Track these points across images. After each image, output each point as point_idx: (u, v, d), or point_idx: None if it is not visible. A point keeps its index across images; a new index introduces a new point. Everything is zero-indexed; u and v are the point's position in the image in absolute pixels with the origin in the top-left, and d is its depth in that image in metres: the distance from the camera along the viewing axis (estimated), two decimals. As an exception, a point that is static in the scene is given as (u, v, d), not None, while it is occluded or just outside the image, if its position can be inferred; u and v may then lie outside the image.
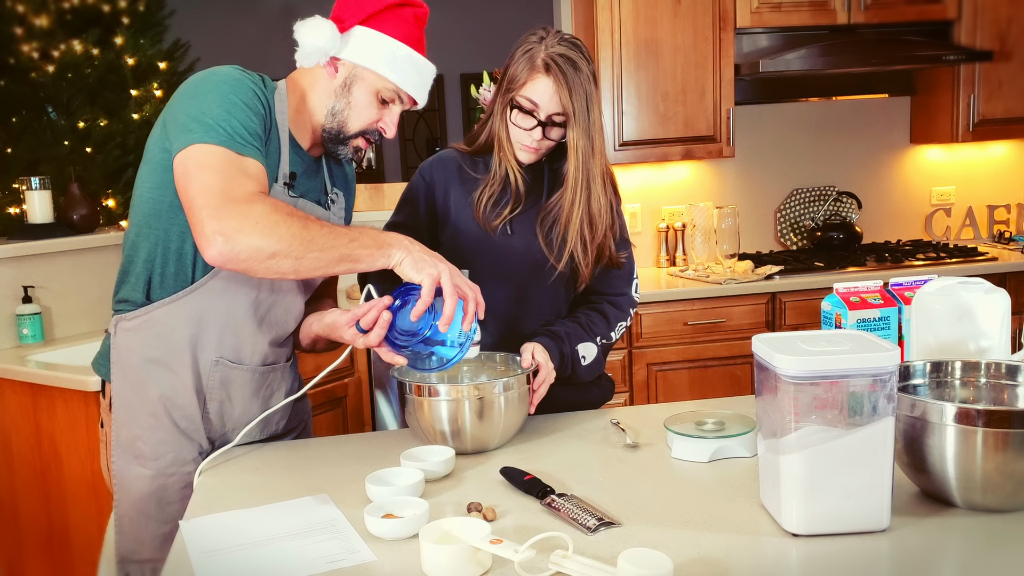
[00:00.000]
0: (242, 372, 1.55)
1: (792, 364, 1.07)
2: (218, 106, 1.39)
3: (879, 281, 1.55)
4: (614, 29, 3.34)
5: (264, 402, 1.60)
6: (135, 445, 1.53)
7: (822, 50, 3.30)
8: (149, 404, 1.52)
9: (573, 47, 1.60)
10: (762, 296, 3.28)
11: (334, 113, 1.53)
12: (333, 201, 1.64)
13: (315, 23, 1.49)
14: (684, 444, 1.41)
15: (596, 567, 1.03)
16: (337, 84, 1.53)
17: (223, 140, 1.37)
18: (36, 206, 2.98)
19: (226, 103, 1.40)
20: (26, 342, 2.83)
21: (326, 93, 1.53)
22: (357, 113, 1.53)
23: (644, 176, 3.73)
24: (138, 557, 1.54)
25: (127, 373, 1.52)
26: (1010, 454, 1.09)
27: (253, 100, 1.44)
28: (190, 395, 1.52)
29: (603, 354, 1.74)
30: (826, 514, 1.10)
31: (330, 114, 1.54)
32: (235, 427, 1.57)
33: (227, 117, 1.38)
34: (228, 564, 1.10)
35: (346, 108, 1.53)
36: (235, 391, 1.55)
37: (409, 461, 1.39)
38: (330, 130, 1.55)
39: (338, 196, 1.66)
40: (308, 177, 1.59)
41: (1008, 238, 3.84)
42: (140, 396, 1.52)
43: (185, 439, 1.54)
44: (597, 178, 1.65)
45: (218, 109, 1.39)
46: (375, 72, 1.50)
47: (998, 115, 3.59)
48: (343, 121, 1.54)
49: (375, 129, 1.56)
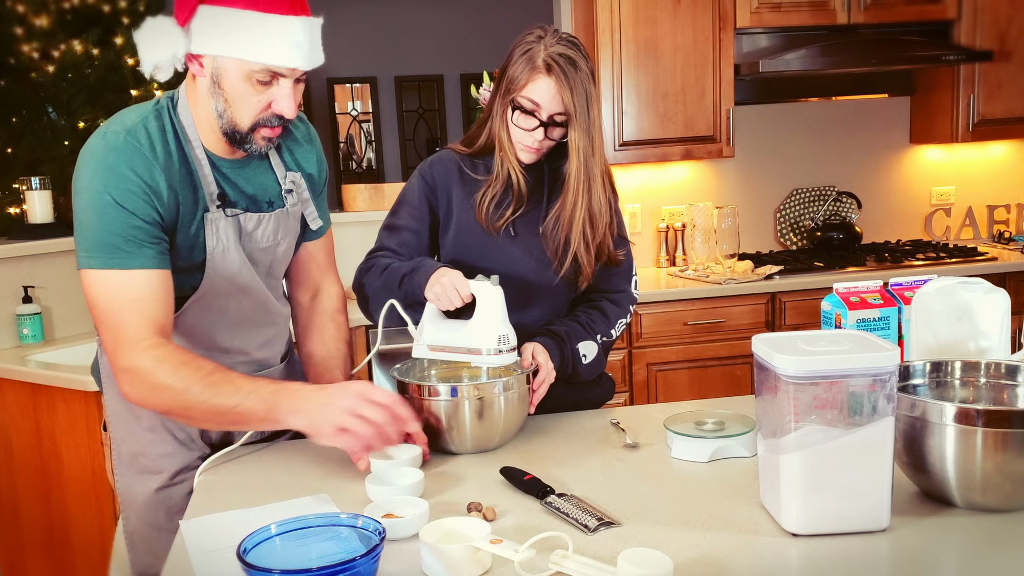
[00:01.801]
0: None
1: (792, 364, 1.07)
2: (93, 213, 1.32)
3: (879, 281, 1.55)
4: (614, 29, 3.34)
5: None
6: (138, 461, 1.53)
7: (822, 50, 3.30)
8: (146, 420, 1.51)
9: (572, 46, 1.60)
10: (762, 296, 3.28)
11: (220, 114, 1.37)
12: (290, 191, 1.53)
13: (151, 28, 1.34)
14: (684, 444, 1.41)
15: (596, 567, 1.03)
16: (208, 83, 1.36)
17: (103, 261, 1.33)
18: (36, 206, 2.98)
19: (99, 206, 1.31)
20: (26, 342, 2.83)
21: (205, 95, 1.37)
22: (239, 107, 1.36)
23: (644, 176, 3.73)
24: (154, 571, 1.51)
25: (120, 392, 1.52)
26: (1010, 454, 1.09)
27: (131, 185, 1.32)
28: None
29: (604, 352, 1.74)
30: (826, 514, 1.10)
31: (218, 116, 1.38)
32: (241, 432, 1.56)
33: (102, 228, 1.32)
34: (228, 564, 1.10)
35: (226, 106, 1.36)
36: None
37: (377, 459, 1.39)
38: (226, 132, 1.39)
39: (296, 181, 1.54)
40: (247, 181, 1.48)
41: (1008, 238, 3.84)
42: (135, 414, 1.52)
43: (185, 448, 1.53)
44: (597, 177, 1.65)
45: (93, 218, 1.32)
46: (234, 58, 1.32)
47: (998, 115, 3.59)
48: (231, 119, 1.37)
49: (272, 116, 1.38)
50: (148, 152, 1.35)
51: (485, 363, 1.51)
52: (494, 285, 1.48)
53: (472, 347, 1.49)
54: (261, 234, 1.49)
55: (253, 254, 1.49)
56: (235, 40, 1.30)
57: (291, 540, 1.05)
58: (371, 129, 8.49)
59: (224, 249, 1.44)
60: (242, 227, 1.46)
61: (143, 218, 1.34)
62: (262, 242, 1.50)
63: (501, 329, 1.47)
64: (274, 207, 1.52)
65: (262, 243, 1.50)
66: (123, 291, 1.33)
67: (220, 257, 1.44)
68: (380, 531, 1.02)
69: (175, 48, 1.33)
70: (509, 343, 1.49)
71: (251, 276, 1.49)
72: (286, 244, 1.56)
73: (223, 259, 1.44)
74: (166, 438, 1.52)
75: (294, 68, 1.34)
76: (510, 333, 1.49)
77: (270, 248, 1.52)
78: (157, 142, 1.37)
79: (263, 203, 1.50)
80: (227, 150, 1.45)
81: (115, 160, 1.32)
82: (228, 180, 1.46)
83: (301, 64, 1.34)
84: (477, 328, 1.48)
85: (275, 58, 1.31)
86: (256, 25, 1.29)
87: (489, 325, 1.47)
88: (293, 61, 1.32)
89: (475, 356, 1.49)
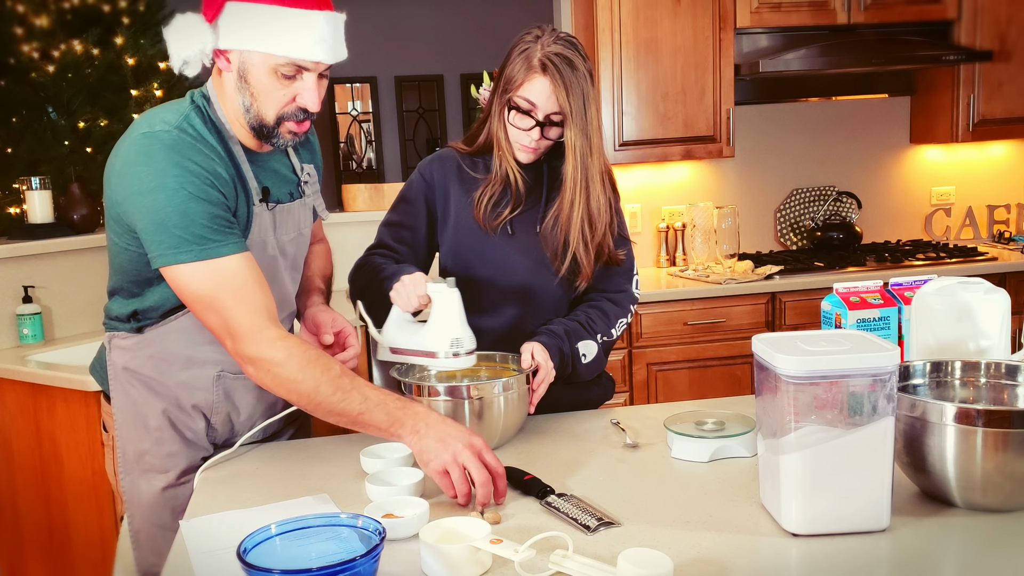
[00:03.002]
0: (245, 380, 1.53)
1: (792, 364, 1.07)
2: (174, 211, 1.32)
3: (879, 281, 1.55)
4: (614, 29, 3.34)
5: (269, 403, 1.59)
6: (143, 460, 1.53)
7: (822, 50, 3.30)
8: (153, 419, 1.51)
9: (569, 46, 1.60)
10: (762, 296, 3.28)
11: (247, 108, 1.41)
12: (306, 182, 1.59)
13: (180, 25, 1.37)
14: (684, 444, 1.41)
15: (596, 567, 1.03)
16: (235, 77, 1.39)
17: (195, 254, 1.33)
18: (36, 206, 2.98)
19: (178, 202, 1.32)
20: (26, 342, 2.83)
21: (233, 90, 1.41)
22: (265, 101, 1.39)
23: (644, 176, 3.73)
24: (159, 570, 1.51)
25: (128, 391, 1.52)
26: (1010, 454, 1.09)
27: (201, 177, 1.34)
28: (192, 411, 1.52)
29: (604, 352, 1.74)
30: (826, 514, 1.10)
31: (245, 111, 1.41)
32: (241, 431, 1.58)
33: (187, 224, 1.32)
34: (228, 564, 1.10)
35: (252, 100, 1.39)
36: (239, 399, 1.55)
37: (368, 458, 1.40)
38: (253, 127, 1.42)
39: (311, 173, 1.60)
40: (273, 173, 1.52)
41: (1008, 238, 3.84)
42: (143, 413, 1.52)
43: (192, 448, 1.54)
44: (595, 177, 1.65)
45: (175, 215, 1.32)
46: (260, 52, 1.35)
47: (998, 115, 3.59)
48: (257, 114, 1.41)
49: (297, 110, 1.41)
50: (203, 145, 1.38)
51: (441, 366, 1.50)
52: (450, 287, 1.47)
53: (428, 350, 1.48)
54: (290, 225, 1.54)
55: (284, 246, 1.54)
56: (261, 34, 1.33)
57: (291, 540, 1.05)
58: (371, 129, 8.49)
59: (264, 241, 1.48)
60: (276, 219, 1.50)
61: (220, 207, 1.36)
62: (290, 233, 1.55)
63: (456, 332, 1.46)
64: (294, 198, 1.56)
65: (290, 234, 1.55)
66: (222, 280, 1.34)
67: (260, 248, 1.47)
68: (380, 531, 1.02)
69: (203, 43, 1.36)
70: (464, 346, 1.47)
71: (281, 270, 1.54)
72: (305, 235, 1.60)
73: (263, 250, 1.47)
74: (173, 437, 1.52)
75: (318, 62, 1.37)
76: (465, 336, 1.47)
77: (294, 239, 1.57)
78: (208, 137, 1.40)
79: (285, 195, 1.54)
80: (255, 144, 1.48)
81: (179, 157, 1.34)
82: (259, 174, 1.49)
83: (325, 57, 1.36)
84: (432, 331, 1.47)
85: (300, 52, 1.34)
86: (281, 20, 1.32)
87: (444, 328, 1.46)
88: (317, 55, 1.35)
89: (431, 359, 1.48)
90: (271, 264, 1.50)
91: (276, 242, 1.51)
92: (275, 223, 1.50)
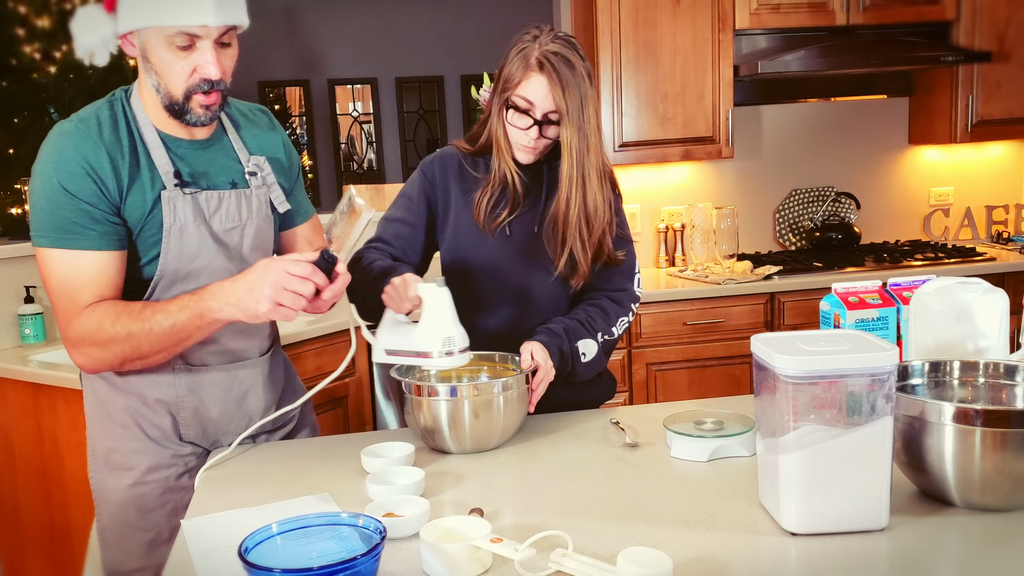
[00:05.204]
0: (208, 373, 1.53)
1: (791, 364, 1.07)
2: (43, 197, 1.40)
3: (878, 281, 1.55)
4: (614, 30, 3.35)
5: (240, 400, 1.58)
6: (111, 457, 1.53)
7: (821, 51, 3.30)
8: (118, 416, 1.52)
9: (568, 45, 1.60)
10: (761, 296, 3.29)
11: (156, 88, 1.42)
12: (253, 173, 1.56)
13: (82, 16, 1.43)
14: (683, 443, 1.42)
15: (596, 566, 1.03)
16: (140, 60, 1.42)
17: (52, 240, 1.40)
18: (37, 207, 2.98)
19: (49, 191, 1.39)
20: (28, 342, 2.83)
21: (143, 74, 1.44)
22: (168, 77, 1.40)
23: (643, 177, 3.74)
24: (125, 568, 1.54)
25: (96, 388, 1.54)
26: (1008, 453, 1.09)
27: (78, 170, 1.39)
28: (156, 406, 1.52)
29: (604, 351, 1.74)
30: (825, 513, 1.10)
31: (155, 91, 1.43)
32: (221, 429, 1.57)
33: (51, 210, 1.39)
34: (229, 563, 1.10)
35: (158, 78, 1.41)
36: (205, 395, 1.54)
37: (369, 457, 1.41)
38: (166, 106, 1.44)
39: (260, 164, 1.57)
40: (209, 162, 1.52)
41: (1006, 238, 3.84)
42: (108, 410, 1.53)
43: (158, 447, 1.53)
44: (592, 176, 1.64)
45: (43, 201, 1.40)
46: (152, 27, 1.37)
47: (996, 116, 3.60)
48: (167, 91, 1.42)
49: (200, 81, 1.41)
50: (96, 136, 1.41)
51: (435, 366, 1.50)
52: (440, 287, 1.47)
53: (421, 350, 1.48)
54: (225, 214, 1.51)
55: (219, 235, 1.50)
56: (150, 9, 1.36)
57: (292, 539, 1.05)
58: (372, 130, 8.50)
59: (181, 227, 1.46)
60: (202, 206, 1.48)
61: (89, 201, 1.40)
62: (227, 223, 1.51)
63: (448, 331, 1.46)
64: (237, 188, 1.54)
65: (227, 223, 1.51)
66: (72, 270, 1.40)
67: (177, 235, 1.46)
68: (381, 530, 1.02)
69: (102, 30, 1.42)
70: (457, 344, 1.46)
71: (213, 257, 1.49)
72: (254, 227, 1.55)
73: (180, 237, 1.46)
74: (137, 434, 1.52)
75: (206, 25, 1.36)
76: (458, 334, 1.47)
77: (236, 229, 1.53)
78: (106, 128, 1.43)
79: (225, 183, 1.53)
80: (184, 131, 1.49)
81: (63, 145, 1.40)
82: (186, 161, 1.49)
83: (210, 20, 1.35)
84: (424, 331, 1.47)
85: (185, 18, 1.35)
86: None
87: (436, 327, 1.46)
88: (201, 18, 1.35)
89: (425, 359, 1.48)
90: (196, 252, 1.47)
91: (207, 230, 1.48)
92: (200, 209, 1.47)
